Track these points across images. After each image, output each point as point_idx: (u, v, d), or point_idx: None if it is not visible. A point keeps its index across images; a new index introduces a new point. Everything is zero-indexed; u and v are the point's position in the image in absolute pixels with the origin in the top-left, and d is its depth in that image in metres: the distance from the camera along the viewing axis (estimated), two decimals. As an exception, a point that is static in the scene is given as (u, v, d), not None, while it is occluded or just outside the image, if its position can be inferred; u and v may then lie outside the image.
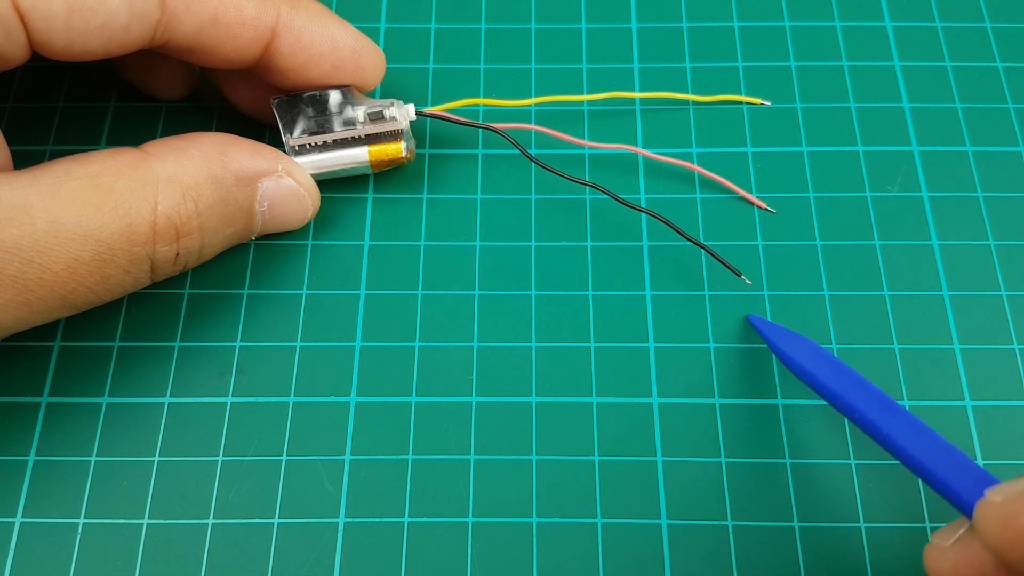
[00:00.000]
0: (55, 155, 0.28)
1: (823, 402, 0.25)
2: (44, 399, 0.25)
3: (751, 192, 0.28)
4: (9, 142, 0.23)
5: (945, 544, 0.20)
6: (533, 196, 0.28)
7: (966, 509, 0.19)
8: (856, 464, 0.24)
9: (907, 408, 0.24)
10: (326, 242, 0.27)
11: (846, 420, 0.25)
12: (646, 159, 0.28)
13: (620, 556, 0.23)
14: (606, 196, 0.27)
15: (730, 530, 0.23)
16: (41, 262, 0.20)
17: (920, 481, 0.24)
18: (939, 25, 0.31)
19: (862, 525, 0.24)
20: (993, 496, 0.18)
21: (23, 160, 0.27)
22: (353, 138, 0.26)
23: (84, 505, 0.24)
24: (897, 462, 0.24)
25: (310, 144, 0.26)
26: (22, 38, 0.21)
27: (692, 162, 0.28)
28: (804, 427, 0.25)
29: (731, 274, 0.26)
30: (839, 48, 0.30)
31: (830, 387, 0.22)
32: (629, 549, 0.23)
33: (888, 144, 0.29)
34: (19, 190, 0.20)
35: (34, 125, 0.29)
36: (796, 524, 0.24)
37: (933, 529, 0.23)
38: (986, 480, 0.19)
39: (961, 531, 0.20)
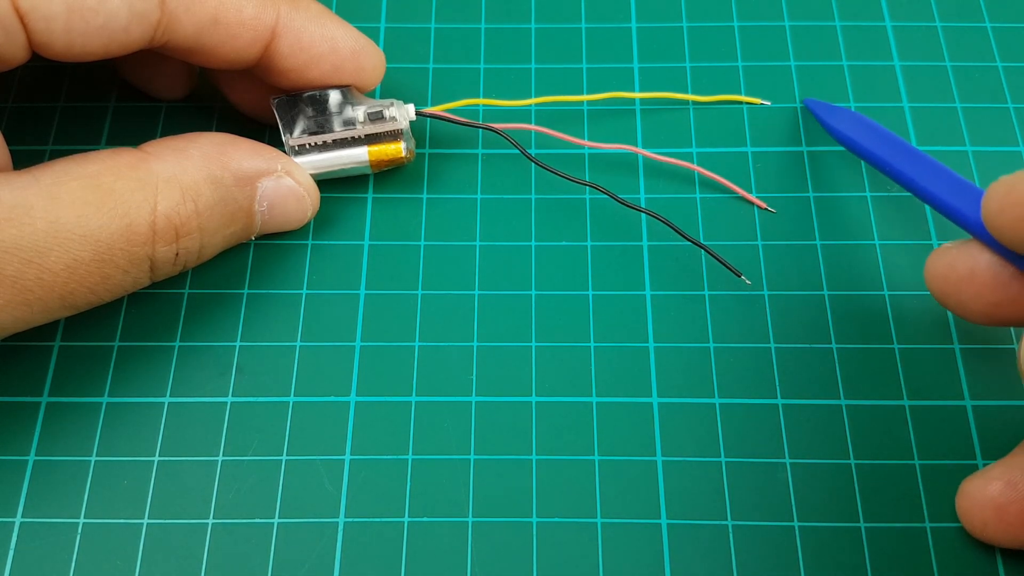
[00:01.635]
0: (55, 155, 0.28)
1: (822, 402, 0.25)
2: (44, 399, 0.25)
3: (751, 192, 0.28)
4: (9, 142, 0.23)
5: (947, 246, 0.22)
6: (533, 196, 0.28)
7: (970, 223, 0.22)
8: (856, 464, 0.24)
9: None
10: (326, 242, 0.27)
11: (845, 418, 0.25)
12: (646, 159, 0.28)
13: (620, 556, 0.23)
14: (606, 196, 0.27)
15: (730, 530, 0.23)
16: (40, 262, 0.20)
17: (921, 482, 0.24)
18: (939, 25, 0.31)
19: (862, 525, 0.24)
20: (997, 185, 0.20)
21: (23, 160, 0.27)
22: (353, 138, 0.26)
23: (84, 505, 0.24)
24: (895, 463, 0.24)
25: (310, 144, 0.26)
26: (22, 38, 0.21)
27: (692, 162, 0.28)
28: (804, 427, 0.25)
29: (731, 274, 0.26)
30: (839, 48, 0.30)
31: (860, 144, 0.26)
32: (629, 549, 0.23)
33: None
34: (18, 190, 0.20)
35: (34, 125, 0.29)
36: (796, 524, 0.24)
37: (934, 530, 0.23)
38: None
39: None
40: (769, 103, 0.29)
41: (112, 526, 0.23)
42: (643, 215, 0.27)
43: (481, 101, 0.28)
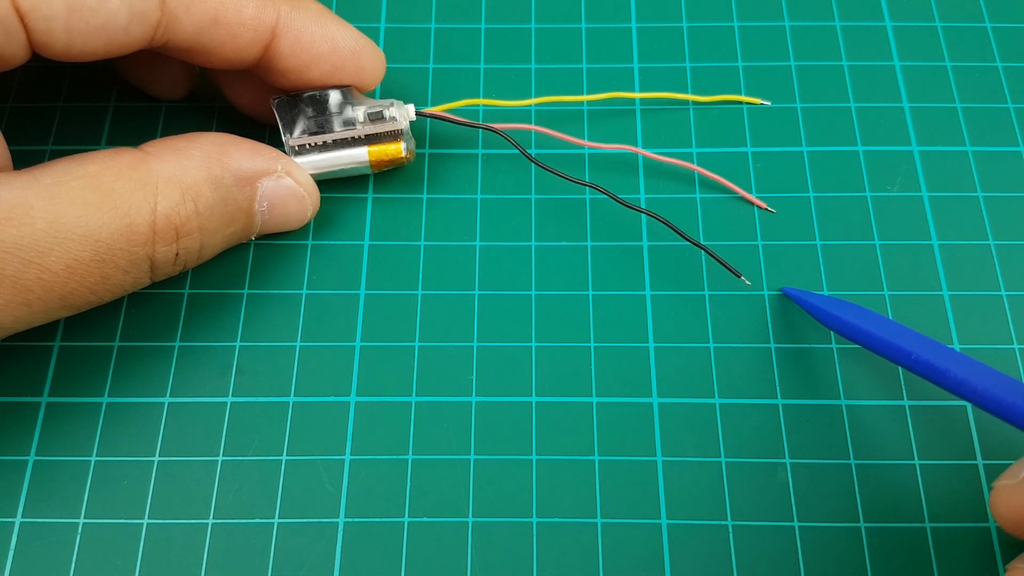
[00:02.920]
0: (55, 155, 0.28)
1: (822, 401, 0.25)
2: (44, 399, 0.25)
3: (751, 192, 0.28)
4: (9, 142, 0.23)
5: (1014, 482, 0.20)
6: (533, 196, 0.28)
7: None
8: (856, 464, 0.24)
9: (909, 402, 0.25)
10: (326, 242, 0.27)
11: (845, 419, 0.25)
12: (647, 160, 0.28)
13: (620, 556, 0.23)
14: (605, 196, 0.27)
15: (730, 530, 0.23)
16: (40, 262, 0.20)
17: (921, 482, 0.24)
18: (939, 25, 0.31)
19: (862, 525, 0.24)
20: (1008, 480, 0.19)
21: (23, 160, 0.27)
22: (353, 138, 0.26)
23: (84, 505, 0.24)
24: (895, 463, 0.24)
25: (310, 144, 0.26)
26: (22, 38, 0.21)
27: (692, 162, 0.28)
28: (804, 427, 0.25)
29: (731, 274, 0.26)
30: (839, 48, 0.30)
31: (888, 340, 0.23)
32: (629, 549, 0.23)
33: (888, 144, 0.29)
34: (19, 190, 0.20)
35: (34, 125, 0.29)
36: (796, 524, 0.24)
37: (934, 529, 0.23)
38: None
39: None
40: (769, 103, 0.29)
41: (112, 526, 0.23)
42: (643, 215, 0.27)
43: (481, 101, 0.28)
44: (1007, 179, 0.28)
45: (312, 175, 0.26)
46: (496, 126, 0.27)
